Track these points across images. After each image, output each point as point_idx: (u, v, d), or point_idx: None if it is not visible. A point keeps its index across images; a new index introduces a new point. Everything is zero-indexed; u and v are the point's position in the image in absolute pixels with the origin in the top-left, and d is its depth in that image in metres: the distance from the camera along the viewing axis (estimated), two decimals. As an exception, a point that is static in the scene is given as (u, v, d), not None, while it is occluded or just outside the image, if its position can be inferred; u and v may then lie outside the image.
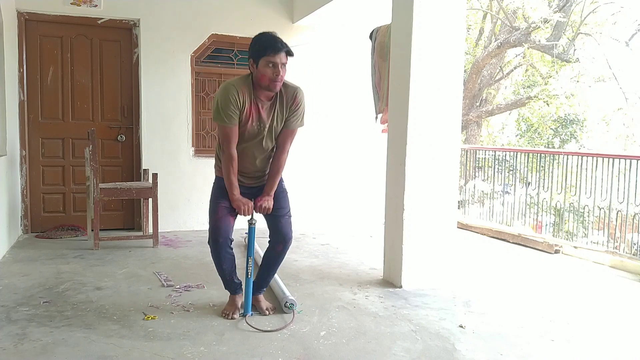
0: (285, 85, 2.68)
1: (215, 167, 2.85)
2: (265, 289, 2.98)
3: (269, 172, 2.81)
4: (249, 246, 2.80)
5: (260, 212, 2.76)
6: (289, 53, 2.59)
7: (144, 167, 4.95)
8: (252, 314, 2.82)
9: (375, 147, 5.43)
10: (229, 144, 2.63)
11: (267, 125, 2.67)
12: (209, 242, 2.76)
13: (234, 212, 2.76)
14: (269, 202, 2.75)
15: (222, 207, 2.72)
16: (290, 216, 2.86)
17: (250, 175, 2.79)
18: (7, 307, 2.88)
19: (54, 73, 4.83)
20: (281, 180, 2.86)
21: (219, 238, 2.71)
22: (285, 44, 2.58)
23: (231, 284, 2.86)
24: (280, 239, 2.80)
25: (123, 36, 5.02)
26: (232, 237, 2.77)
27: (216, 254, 2.75)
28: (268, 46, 2.53)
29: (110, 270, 3.70)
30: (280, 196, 2.84)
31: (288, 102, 2.68)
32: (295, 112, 2.70)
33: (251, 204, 2.74)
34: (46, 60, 4.80)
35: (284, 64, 2.57)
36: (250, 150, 2.71)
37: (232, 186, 2.68)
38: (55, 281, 3.39)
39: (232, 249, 2.78)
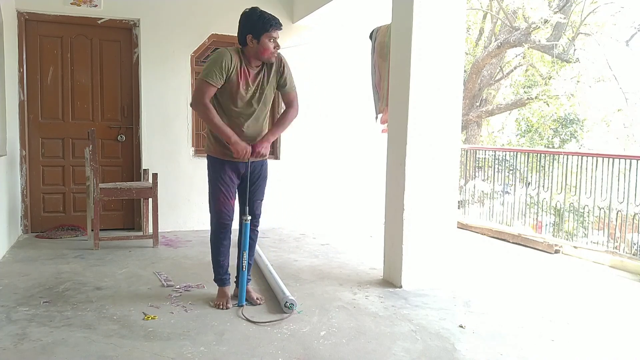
0: None
1: (207, 145, 2.97)
2: (250, 279, 3.12)
3: (276, 122, 3.00)
4: (244, 241, 2.92)
5: (256, 159, 2.89)
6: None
7: (144, 167, 4.95)
8: (245, 304, 2.96)
9: (375, 147, 5.43)
10: (203, 97, 2.75)
11: (257, 88, 2.85)
12: (211, 224, 2.95)
13: (233, 194, 2.93)
14: (266, 149, 2.88)
15: (221, 192, 2.89)
16: (262, 200, 3.08)
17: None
18: (7, 307, 2.88)
19: (54, 73, 4.83)
20: (266, 167, 3.02)
21: (224, 219, 2.92)
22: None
23: (222, 270, 3.00)
24: (253, 218, 3.01)
25: (123, 36, 5.02)
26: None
27: (218, 236, 2.95)
28: (271, 23, 2.76)
29: (110, 270, 3.70)
30: (262, 183, 3.03)
31: (274, 66, 2.88)
32: (286, 74, 2.92)
33: (250, 149, 2.81)
34: (46, 60, 4.80)
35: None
36: (241, 116, 2.84)
37: (225, 130, 2.76)
38: (55, 281, 3.39)
39: (231, 232, 2.98)
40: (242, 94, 2.80)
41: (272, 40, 2.76)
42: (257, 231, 3.10)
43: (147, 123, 5.00)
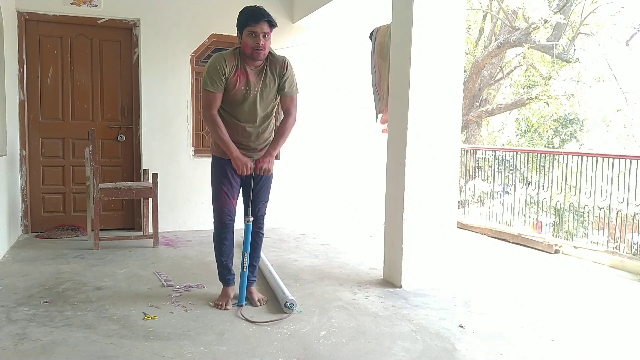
0: (273, 54, 2.84)
1: (211, 145, 2.97)
2: (255, 280, 3.11)
3: (276, 134, 2.92)
4: (245, 242, 2.92)
5: (259, 173, 2.85)
6: (271, 23, 2.73)
7: (144, 167, 4.95)
8: (245, 304, 2.95)
9: (375, 147, 5.43)
10: (210, 108, 2.77)
11: (257, 89, 2.79)
12: (214, 223, 2.93)
13: (235, 195, 2.91)
14: (269, 164, 2.85)
15: (223, 192, 2.88)
16: (267, 202, 3.03)
17: (244, 146, 2.87)
18: (7, 307, 2.88)
19: (54, 73, 4.83)
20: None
21: (225, 219, 2.90)
22: (266, 14, 2.71)
23: (226, 271, 3.00)
24: (256, 220, 2.97)
25: (123, 36, 5.02)
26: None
27: (219, 235, 2.93)
28: (249, 17, 2.69)
29: (110, 270, 3.70)
30: (267, 183, 2.98)
31: (277, 68, 2.83)
32: (287, 77, 2.85)
33: (251, 163, 2.81)
34: (46, 60, 4.80)
35: (265, 34, 2.70)
36: (241, 116, 2.82)
37: (228, 145, 2.78)
38: (55, 281, 3.39)
39: (233, 233, 2.96)
40: (241, 96, 2.78)
41: (253, 35, 2.67)
42: (262, 234, 3.05)
43: (147, 123, 5.00)
